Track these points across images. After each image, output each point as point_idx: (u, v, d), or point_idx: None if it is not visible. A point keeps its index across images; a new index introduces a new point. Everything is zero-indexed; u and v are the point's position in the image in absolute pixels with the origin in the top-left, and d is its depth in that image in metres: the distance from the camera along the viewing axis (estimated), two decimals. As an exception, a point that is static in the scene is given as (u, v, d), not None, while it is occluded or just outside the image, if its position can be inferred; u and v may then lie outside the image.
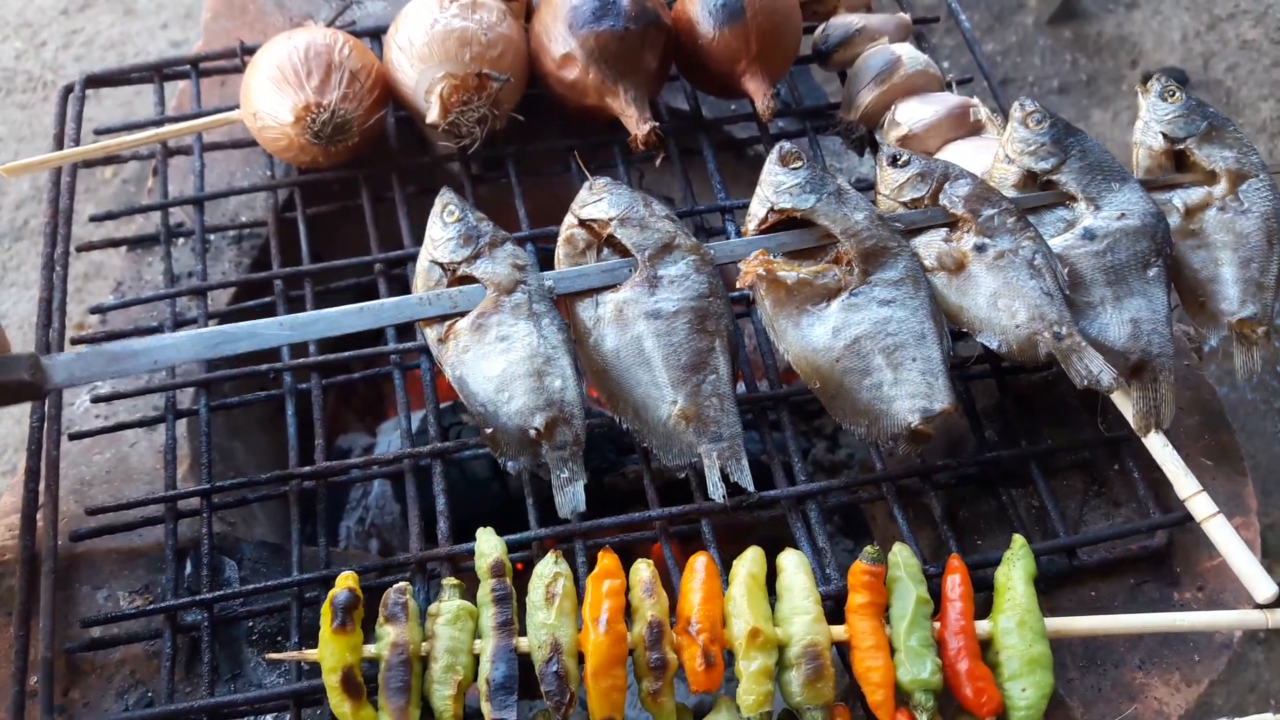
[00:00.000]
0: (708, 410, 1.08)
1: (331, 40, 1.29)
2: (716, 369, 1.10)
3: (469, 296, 1.12)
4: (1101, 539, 1.13)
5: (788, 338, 1.13)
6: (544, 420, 1.06)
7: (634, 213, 1.15)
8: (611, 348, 1.11)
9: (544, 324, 1.10)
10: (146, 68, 1.48)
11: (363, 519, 1.60)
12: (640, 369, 1.10)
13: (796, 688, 0.96)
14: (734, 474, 1.07)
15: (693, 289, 1.12)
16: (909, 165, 1.21)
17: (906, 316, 1.11)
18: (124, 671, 1.10)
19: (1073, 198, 1.20)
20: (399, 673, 0.95)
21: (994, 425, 1.24)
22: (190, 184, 1.39)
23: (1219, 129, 1.25)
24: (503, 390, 1.08)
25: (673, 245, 1.14)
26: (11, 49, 2.73)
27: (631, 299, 1.12)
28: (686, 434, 1.08)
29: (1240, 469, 1.20)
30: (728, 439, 1.08)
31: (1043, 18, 2.74)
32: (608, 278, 1.14)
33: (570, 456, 1.07)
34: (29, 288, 2.31)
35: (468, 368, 1.10)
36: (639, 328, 1.11)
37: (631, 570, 1.01)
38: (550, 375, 1.08)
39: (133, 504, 1.16)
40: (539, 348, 1.08)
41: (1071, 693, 1.06)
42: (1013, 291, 1.12)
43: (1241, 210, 1.21)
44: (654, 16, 1.31)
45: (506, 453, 1.08)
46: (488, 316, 1.11)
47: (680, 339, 1.10)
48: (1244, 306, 1.18)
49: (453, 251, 1.14)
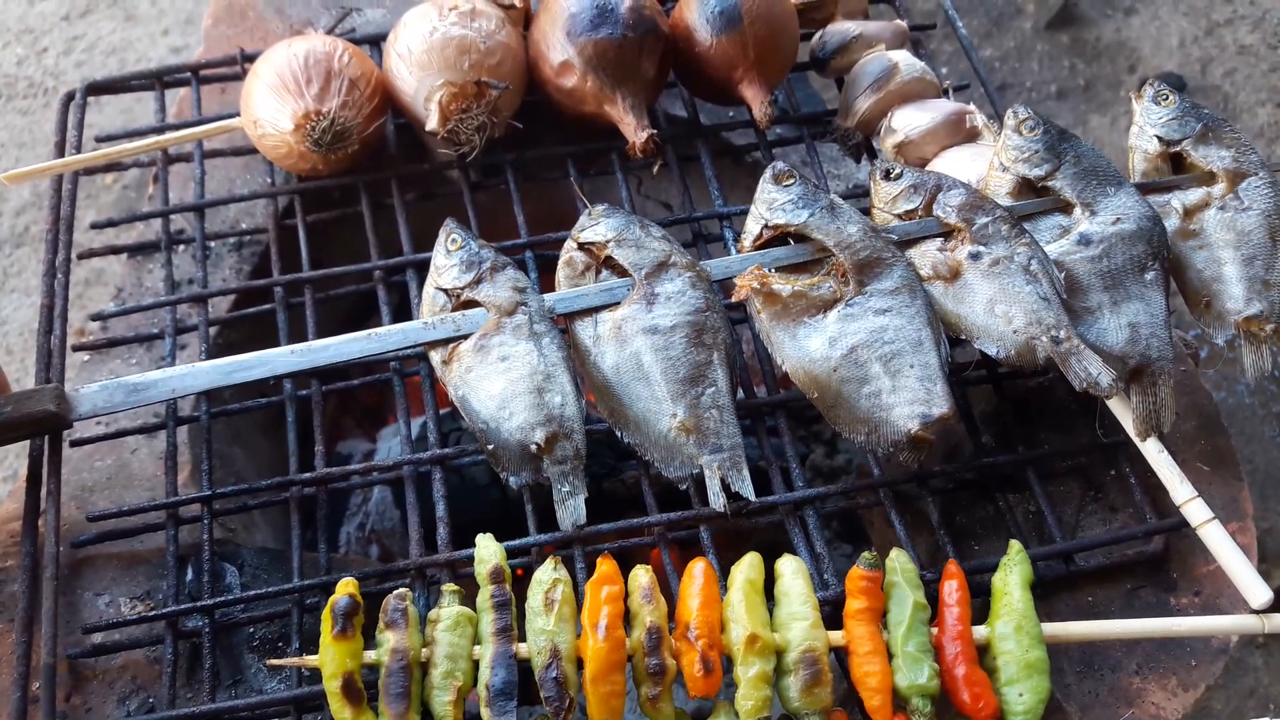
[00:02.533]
0: (708, 422, 1.10)
1: (331, 48, 1.30)
2: (715, 381, 1.11)
3: (472, 320, 1.14)
4: (1098, 544, 1.13)
5: (785, 349, 1.14)
6: (544, 435, 1.08)
7: (630, 234, 1.18)
8: (611, 364, 1.13)
9: (544, 343, 1.12)
10: (147, 75, 1.49)
11: (363, 525, 1.60)
12: (640, 384, 1.11)
13: (794, 693, 0.96)
14: (735, 484, 1.08)
15: (689, 304, 1.14)
16: (901, 178, 1.22)
17: (903, 325, 1.12)
18: (126, 677, 1.10)
19: (1068, 203, 1.20)
20: (399, 678, 0.95)
21: (991, 431, 1.24)
22: (191, 191, 1.39)
23: (1215, 130, 1.25)
24: (504, 408, 1.10)
25: (668, 263, 1.16)
26: (13, 55, 2.73)
27: (629, 316, 1.14)
28: (688, 446, 1.09)
29: (1237, 474, 1.20)
30: (728, 450, 1.09)
31: (1040, 23, 2.75)
32: (606, 297, 1.16)
33: (571, 471, 1.08)
34: (30, 294, 2.31)
35: (470, 388, 1.12)
36: (637, 343, 1.12)
37: (630, 576, 1.01)
38: (550, 392, 1.10)
39: (134, 510, 1.16)
40: (539, 366, 1.10)
41: (1069, 698, 1.06)
42: (1009, 297, 1.12)
43: (1242, 209, 1.21)
44: (652, 24, 1.31)
45: (508, 468, 1.10)
46: (490, 338, 1.13)
47: (678, 353, 1.11)
48: (1250, 304, 1.18)
49: (456, 278, 1.16)
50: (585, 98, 1.32)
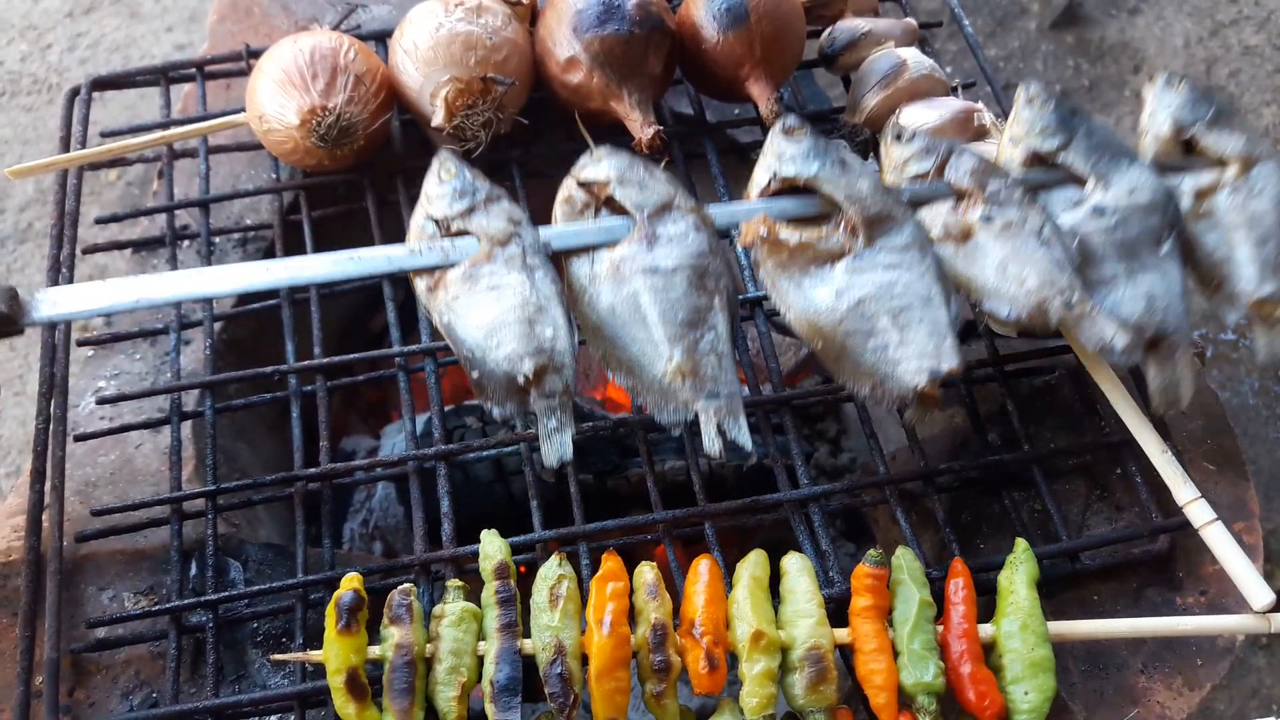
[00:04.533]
0: (705, 368, 1.06)
1: (337, 44, 1.30)
2: (715, 326, 1.07)
3: (462, 249, 1.10)
4: (1104, 543, 1.13)
5: (789, 298, 1.10)
6: (533, 366, 1.03)
7: (633, 174, 1.13)
8: (607, 305, 1.08)
9: (537, 276, 1.07)
10: (152, 70, 1.49)
11: (367, 521, 1.60)
12: (636, 325, 1.07)
13: (799, 690, 0.96)
14: (731, 431, 1.04)
15: (692, 247, 1.09)
16: (914, 141, 1.18)
17: (913, 280, 1.08)
18: (129, 672, 1.10)
19: (1080, 177, 1.18)
20: (403, 674, 0.95)
21: (997, 429, 1.24)
22: (195, 187, 1.39)
23: (1227, 115, 1.22)
24: (492, 336, 1.05)
25: (672, 205, 1.11)
26: (17, 52, 2.74)
27: (629, 256, 1.09)
28: (683, 390, 1.05)
29: (1243, 474, 1.20)
30: (725, 396, 1.05)
31: (1045, 23, 2.75)
32: (605, 235, 1.11)
33: (559, 406, 1.04)
34: (34, 290, 2.31)
35: (457, 315, 1.07)
36: (636, 284, 1.08)
37: (635, 573, 1.01)
38: (541, 324, 1.05)
39: (138, 505, 1.16)
40: (531, 298, 1.06)
41: (1074, 696, 1.06)
42: (1022, 259, 1.09)
43: (1254, 193, 1.18)
44: (658, 21, 1.31)
45: (493, 398, 1.05)
46: (480, 267, 1.08)
47: (678, 295, 1.07)
48: (1262, 286, 1.16)
49: (447, 206, 1.11)
50: (591, 94, 1.32)
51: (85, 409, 1.28)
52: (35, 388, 1.21)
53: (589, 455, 1.46)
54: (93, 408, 1.28)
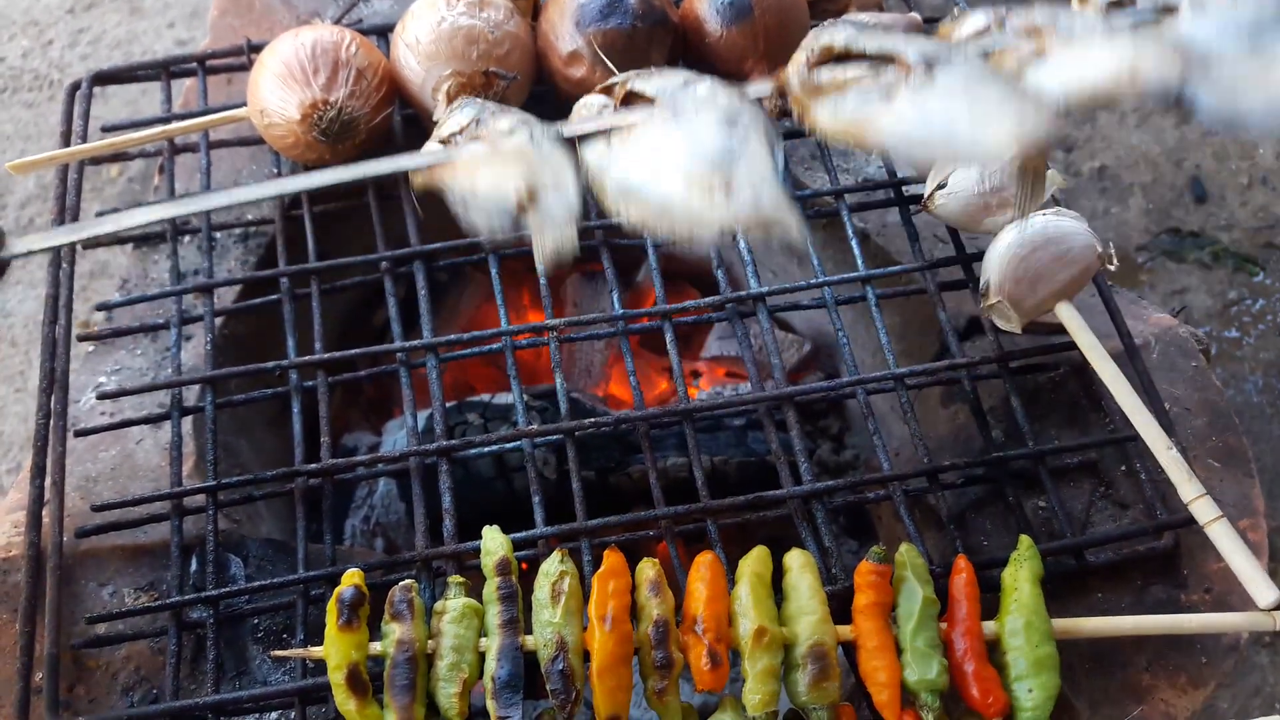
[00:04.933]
0: (741, 186, 0.91)
1: (339, 38, 1.29)
2: (751, 156, 0.94)
3: (467, 152, 1.02)
4: (1109, 540, 1.13)
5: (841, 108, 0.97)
6: (527, 186, 0.95)
7: (651, 70, 1.06)
8: (628, 163, 0.97)
9: (545, 147, 0.99)
10: (154, 65, 1.48)
11: (368, 517, 1.60)
12: (664, 172, 0.94)
13: (802, 687, 0.96)
14: (776, 232, 0.91)
15: (720, 103, 0.98)
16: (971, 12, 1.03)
17: (984, 90, 0.90)
18: (129, 668, 1.10)
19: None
20: (404, 670, 0.94)
21: (1001, 425, 1.24)
22: (196, 182, 1.39)
23: None
24: (490, 182, 0.98)
25: (695, 81, 1.02)
26: (18, 47, 2.73)
27: (651, 119, 0.99)
28: (719, 205, 0.92)
29: (1248, 471, 1.19)
30: (768, 201, 0.91)
31: (1049, 19, 2.74)
32: (623, 119, 1.01)
33: (561, 218, 0.95)
34: (35, 286, 2.31)
35: (454, 178, 1.00)
36: (660, 139, 0.97)
37: (637, 569, 1.00)
38: (543, 171, 0.97)
39: (138, 501, 1.16)
40: (534, 158, 0.98)
41: (1078, 694, 1.06)
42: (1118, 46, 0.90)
43: None
44: (661, 14, 1.31)
45: (485, 223, 0.96)
46: (480, 143, 1.02)
47: (707, 136, 0.95)
48: None
49: (455, 124, 1.07)
50: (594, 88, 1.31)
51: (86, 404, 1.28)
52: (36, 383, 1.21)
53: (591, 452, 1.46)
54: (93, 403, 1.27)
